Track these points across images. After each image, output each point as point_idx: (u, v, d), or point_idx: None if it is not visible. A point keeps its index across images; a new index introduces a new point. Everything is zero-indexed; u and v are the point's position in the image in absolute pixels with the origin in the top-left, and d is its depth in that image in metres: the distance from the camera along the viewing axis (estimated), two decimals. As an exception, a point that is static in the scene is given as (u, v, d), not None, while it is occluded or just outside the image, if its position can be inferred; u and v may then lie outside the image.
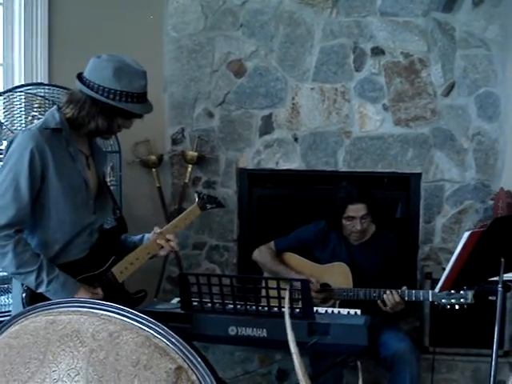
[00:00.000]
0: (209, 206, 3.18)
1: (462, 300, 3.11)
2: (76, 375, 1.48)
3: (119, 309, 1.54)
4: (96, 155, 2.79)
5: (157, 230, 2.85)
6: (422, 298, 3.30)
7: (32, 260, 2.48)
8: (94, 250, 2.70)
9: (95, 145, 2.82)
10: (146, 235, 2.87)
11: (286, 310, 1.41)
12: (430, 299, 3.23)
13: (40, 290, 2.49)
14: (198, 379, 1.45)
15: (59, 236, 2.59)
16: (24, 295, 2.53)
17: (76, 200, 2.60)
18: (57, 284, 2.49)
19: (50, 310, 1.62)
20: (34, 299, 2.47)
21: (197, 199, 3.13)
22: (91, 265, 2.67)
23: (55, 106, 2.68)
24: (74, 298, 2.43)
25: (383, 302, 3.33)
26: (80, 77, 2.62)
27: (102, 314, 1.55)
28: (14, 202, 2.47)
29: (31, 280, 2.48)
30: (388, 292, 3.31)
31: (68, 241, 2.60)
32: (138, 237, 2.89)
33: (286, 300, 1.39)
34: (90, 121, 2.59)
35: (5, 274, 3.18)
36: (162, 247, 2.84)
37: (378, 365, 3.49)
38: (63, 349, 1.51)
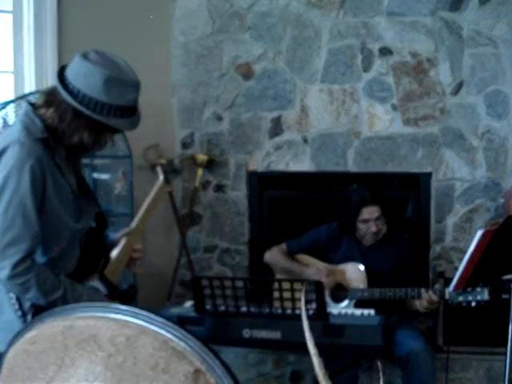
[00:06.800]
0: (169, 177, 2.82)
1: (478, 297, 3.10)
2: (94, 380, 1.48)
3: (136, 313, 1.54)
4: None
5: (125, 230, 2.58)
6: None
7: (55, 286, 2.26)
8: (81, 259, 2.44)
9: None
10: (111, 234, 2.59)
11: (303, 311, 1.40)
12: (446, 297, 3.23)
13: None
14: (217, 382, 1.45)
15: (56, 251, 2.34)
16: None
17: (68, 210, 2.33)
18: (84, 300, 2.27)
19: (67, 315, 1.63)
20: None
21: (161, 176, 2.72)
22: (82, 274, 2.44)
23: (27, 105, 2.31)
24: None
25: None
26: (62, 75, 2.25)
27: (118, 319, 1.56)
28: (25, 231, 2.19)
29: (58, 304, 2.19)
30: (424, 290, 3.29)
31: (62, 255, 2.36)
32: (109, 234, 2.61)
33: (302, 301, 1.38)
34: (72, 134, 2.25)
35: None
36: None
37: (392, 364, 3.48)
38: (81, 354, 1.52)
